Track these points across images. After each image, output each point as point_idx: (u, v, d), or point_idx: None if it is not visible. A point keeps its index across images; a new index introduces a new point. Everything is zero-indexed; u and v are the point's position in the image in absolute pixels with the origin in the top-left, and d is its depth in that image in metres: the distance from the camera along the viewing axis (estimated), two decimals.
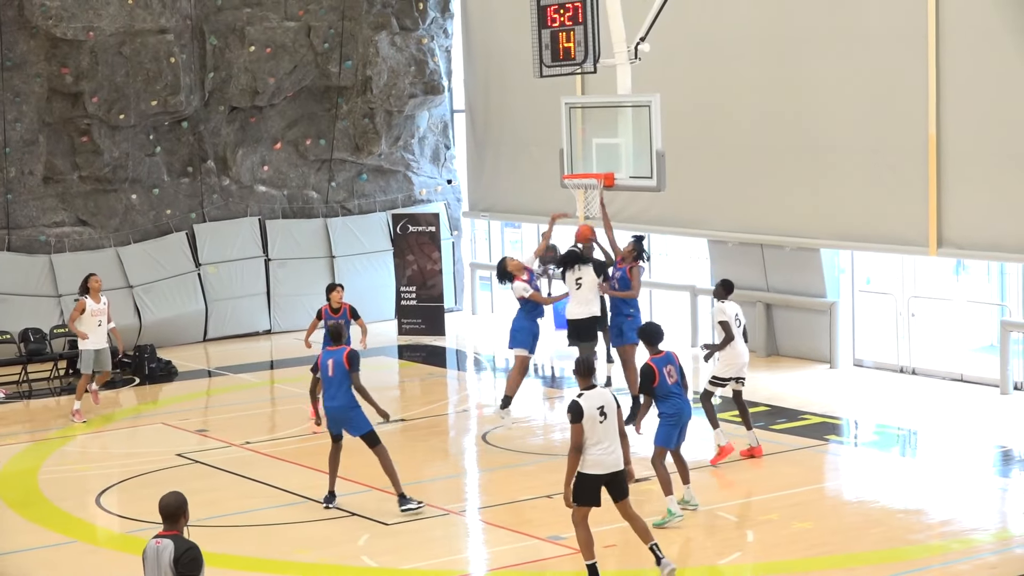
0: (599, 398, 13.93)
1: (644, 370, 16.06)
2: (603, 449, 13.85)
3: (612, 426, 13.91)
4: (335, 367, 17.00)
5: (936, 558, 14.89)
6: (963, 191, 22.17)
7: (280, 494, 18.08)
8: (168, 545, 10.14)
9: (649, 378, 15.95)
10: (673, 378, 16.13)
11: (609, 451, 13.89)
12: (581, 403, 13.78)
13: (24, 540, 16.63)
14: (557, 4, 18.41)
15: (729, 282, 19.51)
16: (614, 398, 14.08)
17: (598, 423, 13.81)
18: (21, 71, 28.21)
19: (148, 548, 10.24)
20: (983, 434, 20.14)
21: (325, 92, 31.15)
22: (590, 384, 14.02)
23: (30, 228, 28.64)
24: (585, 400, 13.82)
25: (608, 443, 13.87)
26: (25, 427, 22.99)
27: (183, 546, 10.16)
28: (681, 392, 16.27)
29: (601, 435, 13.82)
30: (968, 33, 21.81)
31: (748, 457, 18.94)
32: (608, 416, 13.87)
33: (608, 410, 13.89)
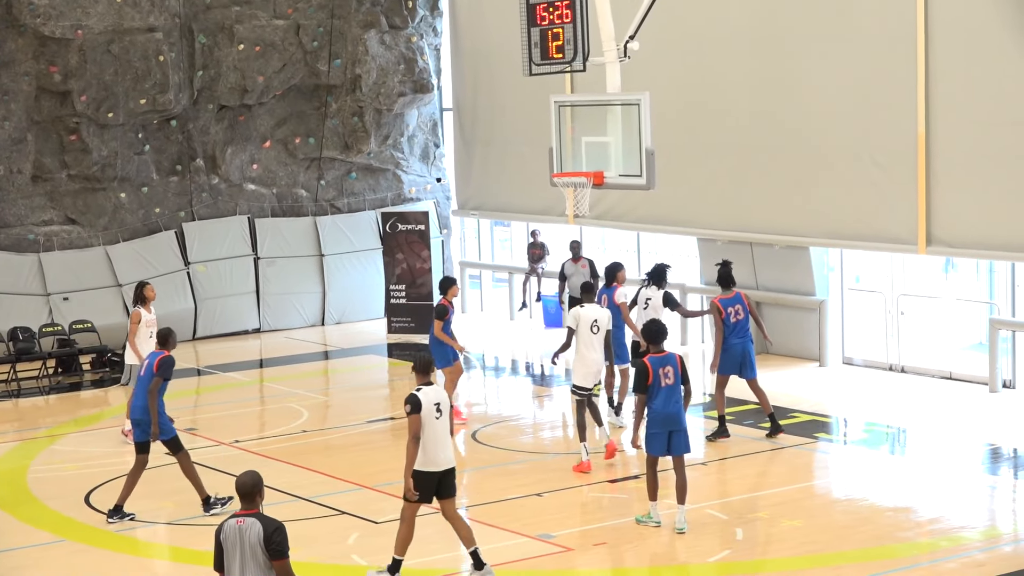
0: (436, 395, 14.26)
1: (639, 367, 15.88)
2: (437, 446, 14.21)
3: (445, 424, 14.28)
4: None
5: (924, 556, 14.94)
6: (952, 189, 22.21)
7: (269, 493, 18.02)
8: (254, 524, 10.32)
9: (643, 376, 15.73)
10: (669, 380, 15.76)
11: (443, 448, 14.26)
12: (420, 396, 14.13)
13: (13, 539, 16.63)
14: (546, 2, 18.41)
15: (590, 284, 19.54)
16: (449, 399, 14.45)
17: (434, 419, 14.17)
18: (9, 69, 28.20)
19: (227, 528, 10.36)
20: (972, 432, 20.18)
21: (314, 90, 31.15)
22: (427, 381, 14.32)
23: (19, 227, 28.62)
24: (423, 395, 14.15)
25: (443, 440, 14.26)
26: (14, 426, 22.98)
27: (272, 524, 10.35)
28: (674, 396, 15.81)
29: (436, 431, 14.18)
30: (958, 32, 21.85)
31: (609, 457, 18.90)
32: (443, 414, 14.25)
33: (443, 408, 14.27)
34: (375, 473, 18.79)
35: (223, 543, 10.39)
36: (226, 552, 10.38)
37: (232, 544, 10.35)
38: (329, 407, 23.73)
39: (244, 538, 10.31)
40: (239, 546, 10.32)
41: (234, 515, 10.46)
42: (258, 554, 10.30)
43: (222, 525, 10.44)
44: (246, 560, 10.32)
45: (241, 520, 10.36)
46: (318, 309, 31.00)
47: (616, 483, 18.00)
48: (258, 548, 10.28)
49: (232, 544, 10.35)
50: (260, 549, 10.29)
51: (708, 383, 24.43)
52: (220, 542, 10.40)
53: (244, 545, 10.31)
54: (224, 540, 10.38)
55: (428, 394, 14.23)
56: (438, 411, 14.25)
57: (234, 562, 10.35)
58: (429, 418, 14.18)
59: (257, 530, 10.31)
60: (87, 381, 26.12)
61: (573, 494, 17.63)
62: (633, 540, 15.83)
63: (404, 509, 14.41)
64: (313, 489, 18.09)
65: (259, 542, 10.29)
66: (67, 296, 28.29)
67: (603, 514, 16.84)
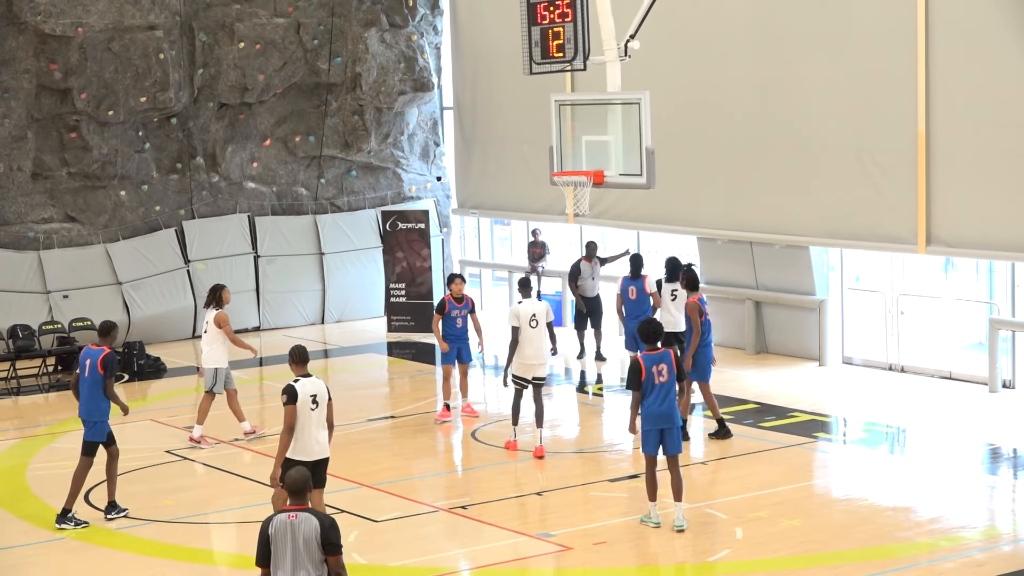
0: (312, 387, 14.63)
1: (632, 364, 15.89)
2: (311, 436, 14.57)
3: (320, 416, 14.63)
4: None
5: (923, 556, 14.94)
6: (952, 189, 22.22)
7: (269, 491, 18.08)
8: (308, 518, 10.35)
9: (636, 373, 15.69)
10: (663, 378, 15.70)
11: (317, 439, 14.63)
12: (296, 387, 14.55)
13: (13, 537, 16.63)
14: (547, 1, 18.41)
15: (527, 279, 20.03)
16: (327, 390, 14.76)
17: (309, 409, 14.55)
18: (9, 67, 28.20)
19: (278, 523, 10.37)
20: (972, 432, 20.19)
21: (314, 89, 31.16)
22: (304, 372, 14.72)
23: (18, 224, 28.63)
24: (300, 386, 14.57)
25: (317, 430, 14.62)
26: (13, 423, 22.97)
27: (327, 519, 10.43)
28: (667, 394, 15.74)
29: (310, 422, 14.54)
30: (957, 32, 21.86)
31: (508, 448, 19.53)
32: (319, 405, 14.61)
33: (320, 399, 14.62)
34: (375, 472, 18.80)
35: (271, 538, 10.40)
36: (275, 547, 10.39)
37: (282, 538, 10.37)
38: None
39: (297, 533, 10.35)
40: (290, 541, 10.36)
41: (284, 510, 10.47)
42: (312, 548, 10.34)
43: (271, 520, 10.45)
44: (298, 554, 10.36)
45: (294, 515, 10.40)
46: (318, 307, 31.00)
47: (616, 482, 18.00)
48: (312, 543, 10.33)
49: (282, 538, 10.37)
50: (315, 544, 10.33)
51: None
52: (268, 537, 10.41)
53: (297, 540, 10.35)
54: (273, 535, 10.40)
55: (305, 385, 14.61)
56: (314, 403, 14.60)
57: (285, 557, 10.37)
58: (304, 409, 14.55)
59: (313, 525, 10.36)
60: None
61: (573, 493, 17.64)
62: (633, 539, 15.83)
63: (274, 496, 14.84)
64: None
65: (314, 537, 10.34)
66: (67, 294, 28.28)
67: (603, 513, 16.84)
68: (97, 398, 17.13)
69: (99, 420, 17.19)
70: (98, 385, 17.03)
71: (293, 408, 14.51)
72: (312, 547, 10.33)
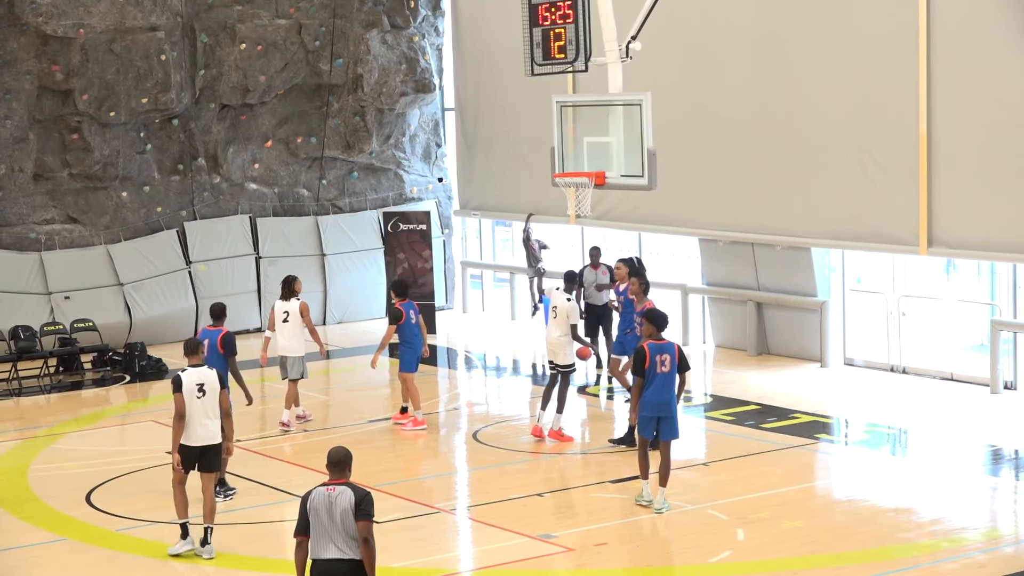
0: (200, 376, 15.44)
1: (637, 351, 16.40)
2: (197, 422, 15.37)
3: (211, 403, 15.40)
4: None
5: (925, 557, 14.95)
6: (953, 190, 22.22)
7: (270, 492, 18.10)
8: (345, 491, 10.97)
9: (640, 360, 16.22)
10: (666, 368, 16.23)
11: (202, 426, 15.40)
12: (182, 377, 15.41)
13: (14, 538, 16.64)
14: (548, 2, 18.42)
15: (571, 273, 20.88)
16: (217, 378, 15.50)
17: (196, 397, 15.33)
18: (11, 68, 28.21)
19: (316, 496, 10.99)
20: (973, 433, 20.18)
21: (316, 90, 31.17)
22: (195, 363, 15.58)
23: (20, 225, 28.64)
24: (186, 376, 15.40)
25: (204, 419, 15.40)
26: (15, 424, 22.97)
27: (362, 491, 11.02)
28: (667, 384, 16.29)
29: (197, 410, 15.35)
30: (959, 33, 21.86)
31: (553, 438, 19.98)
32: (207, 394, 15.39)
33: (208, 388, 15.40)
34: (376, 473, 18.79)
35: (310, 509, 10.97)
36: (313, 518, 10.96)
37: (322, 510, 10.95)
38: (330, 406, 23.72)
39: (335, 505, 10.93)
40: (328, 512, 10.93)
41: (323, 484, 11.05)
42: (348, 520, 10.91)
43: (310, 493, 11.02)
44: (335, 525, 10.92)
45: (332, 488, 11.00)
46: (319, 308, 31.00)
47: (617, 483, 18.00)
48: (349, 514, 10.90)
49: (322, 510, 10.95)
50: (351, 516, 10.91)
51: (709, 384, 24.45)
52: (308, 508, 10.98)
53: (334, 511, 10.92)
54: (311, 506, 10.98)
55: (191, 375, 15.44)
56: (200, 391, 15.37)
57: (321, 527, 10.95)
58: (191, 397, 15.34)
59: (348, 496, 10.93)
60: (88, 380, 26.12)
61: (574, 494, 17.65)
62: (634, 540, 15.84)
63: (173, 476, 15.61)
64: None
65: (350, 507, 10.90)
66: (68, 295, 28.29)
67: (604, 514, 16.84)
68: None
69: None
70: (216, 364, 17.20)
71: (180, 397, 15.34)
72: (348, 519, 10.91)
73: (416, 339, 21.04)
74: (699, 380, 25.12)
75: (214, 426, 15.50)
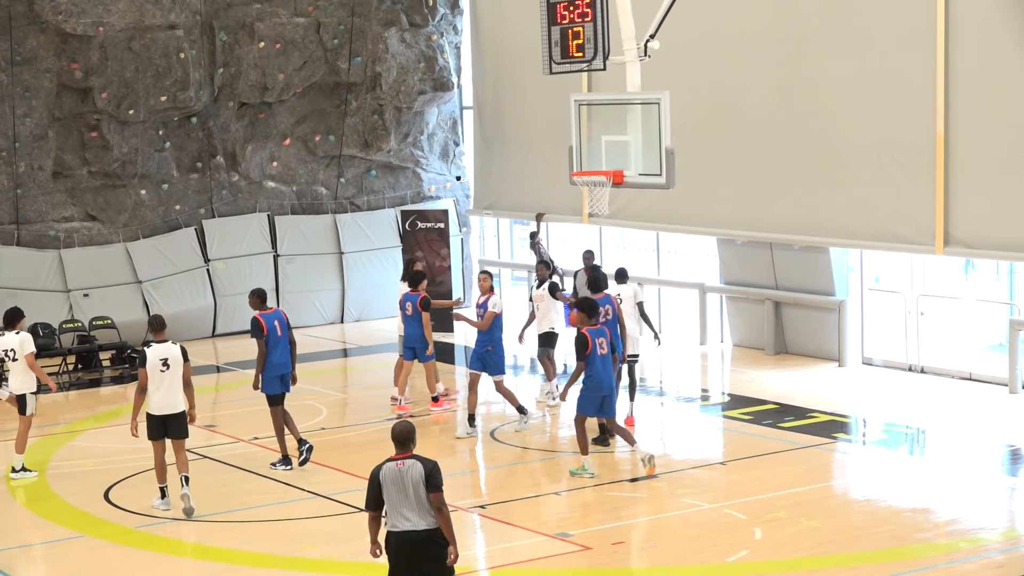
0: (165, 351, 16.80)
1: (578, 338, 17.82)
2: (163, 394, 16.75)
3: (174, 376, 16.75)
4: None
5: (942, 557, 14.91)
6: (971, 190, 22.16)
7: (287, 490, 18.12)
8: (415, 464, 11.57)
9: (583, 346, 17.72)
10: (604, 350, 17.85)
11: (165, 396, 16.78)
12: (147, 352, 16.80)
13: (33, 535, 16.69)
14: (567, 1, 18.39)
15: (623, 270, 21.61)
16: (182, 352, 16.82)
17: (159, 371, 16.71)
18: (31, 66, 28.28)
19: (387, 470, 11.58)
20: (991, 433, 20.14)
21: (334, 88, 31.19)
22: (161, 339, 16.91)
23: (39, 223, 28.71)
24: (151, 351, 16.80)
25: (165, 389, 16.76)
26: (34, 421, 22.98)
27: (430, 463, 11.63)
28: (608, 365, 17.91)
29: (159, 382, 16.71)
30: (976, 33, 21.80)
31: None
32: (171, 368, 16.74)
33: (172, 363, 16.74)
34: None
35: (382, 483, 11.54)
36: (386, 491, 11.54)
37: (393, 483, 11.53)
38: (348, 404, 23.75)
39: (405, 478, 11.49)
40: (400, 485, 11.51)
41: (391, 459, 11.61)
42: (419, 491, 11.48)
43: (381, 467, 11.59)
44: (407, 498, 11.50)
45: (401, 463, 11.57)
46: (337, 306, 31.04)
47: (634, 483, 18.00)
48: (420, 485, 11.48)
49: (393, 483, 11.53)
50: (422, 487, 11.48)
51: (727, 383, 24.43)
52: (380, 482, 11.56)
53: (405, 484, 11.50)
54: (384, 480, 11.54)
55: (156, 350, 16.81)
56: (164, 365, 16.72)
57: (393, 499, 11.54)
58: (154, 371, 16.71)
59: (418, 469, 11.52)
60: (106, 377, 26.17)
61: (591, 492, 17.63)
62: (651, 539, 15.84)
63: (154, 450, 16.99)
64: (331, 486, 18.11)
65: (420, 479, 11.48)
66: (87, 292, 28.36)
67: (621, 513, 16.83)
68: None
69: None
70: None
71: (144, 371, 16.75)
72: (420, 490, 11.49)
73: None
74: (717, 379, 25.12)
75: (178, 396, 16.86)
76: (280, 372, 19.07)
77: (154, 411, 16.86)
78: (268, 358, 18.96)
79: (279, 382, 19.09)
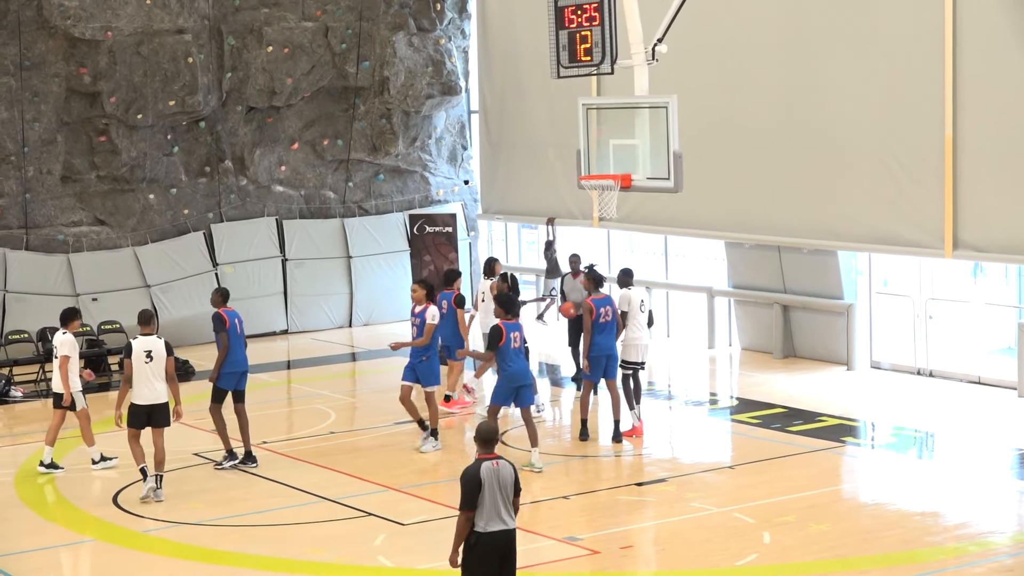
0: (149, 344, 17.50)
1: (493, 329, 18.55)
2: (143, 384, 17.46)
3: (158, 368, 17.50)
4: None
5: (951, 560, 14.89)
6: (979, 193, 22.13)
7: (296, 493, 18.12)
8: (505, 464, 11.89)
9: (496, 337, 18.43)
10: (517, 344, 18.55)
11: (148, 387, 17.48)
12: (133, 344, 17.54)
13: (41, 538, 16.68)
14: (575, 5, 18.39)
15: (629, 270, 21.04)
16: (166, 347, 17.54)
17: (143, 363, 17.44)
18: (40, 71, 28.31)
19: (484, 470, 11.76)
20: (1000, 437, 20.11)
21: (342, 92, 31.20)
22: (147, 332, 17.62)
23: (48, 227, 28.74)
24: (136, 343, 17.53)
25: (148, 380, 17.48)
26: (43, 426, 22.95)
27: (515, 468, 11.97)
28: (523, 357, 18.70)
29: (142, 373, 17.46)
30: (984, 36, 21.77)
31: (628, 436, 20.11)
32: (154, 360, 17.49)
33: (155, 355, 17.49)
34: (402, 475, 18.81)
35: (483, 482, 11.73)
36: (486, 490, 11.72)
37: (491, 482, 11.74)
38: (356, 408, 23.75)
39: (500, 476, 11.77)
40: (497, 485, 11.75)
41: (481, 459, 11.85)
42: (508, 489, 11.84)
43: (479, 467, 11.75)
44: (498, 496, 11.75)
45: (495, 463, 11.83)
46: (345, 310, 31.05)
47: (643, 486, 17.99)
48: (509, 484, 11.84)
49: (491, 482, 11.74)
50: (511, 485, 11.85)
51: (735, 387, 24.41)
52: (480, 482, 11.73)
53: (500, 482, 11.77)
54: (485, 480, 11.72)
55: (141, 342, 17.54)
56: (148, 357, 17.47)
57: (489, 497, 11.73)
58: (139, 362, 17.44)
59: (509, 469, 11.88)
60: (115, 381, 26.14)
61: (600, 497, 17.62)
62: (659, 543, 15.83)
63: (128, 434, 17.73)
64: (340, 490, 18.11)
65: (511, 478, 11.84)
66: (96, 297, 28.37)
67: (630, 517, 16.82)
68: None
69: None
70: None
71: (129, 361, 17.46)
72: (509, 488, 11.83)
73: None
74: (725, 383, 25.09)
75: (160, 387, 17.60)
76: (240, 369, 19.33)
77: (139, 401, 17.60)
78: (230, 354, 19.17)
79: (236, 379, 19.32)
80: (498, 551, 11.82)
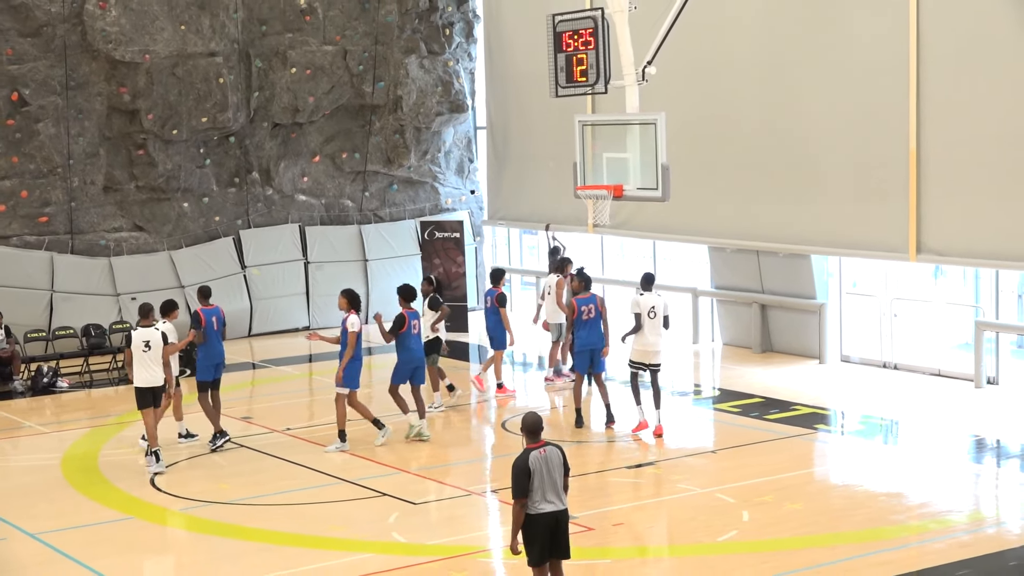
0: (148, 335, 18.05)
1: (397, 317, 19.49)
2: (147, 370, 18.00)
3: (151, 356, 18.02)
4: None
5: (914, 537, 14.92)
6: (941, 202, 22.14)
7: (317, 476, 18.16)
8: (553, 451, 11.73)
9: (400, 325, 19.46)
10: (416, 331, 19.60)
11: (146, 372, 18.03)
12: (133, 334, 18.12)
13: (86, 517, 16.74)
14: (571, 30, 18.44)
15: (651, 275, 20.30)
16: (162, 336, 18.08)
17: (142, 351, 17.98)
18: (84, 90, 28.35)
19: (534, 459, 11.60)
20: (959, 424, 20.13)
21: (359, 110, 31.23)
22: (147, 324, 18.17)
23: (91, 233, 28.78)
24: (136, 334, 18.11)
25: (146, 366, 17.99)
26: (87, 414, 23.09)
27: (561, 450, 11.80)
28: (419, 344, 19.73)
29: (144, 359, 17.98)
30: (946, 59, 21.80)
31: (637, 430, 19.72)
32: (152, 349, 18.03)
33: (152, 344, 18.03)
34: (413, 459, 18.85)
35: (533, 471, 11.55)
36: (534, 477, 11.54)
37: (542, 468, 11.57)
38: (372, 399, 23.77)
39: (549, 464, 11.60)
40: (545, 471, 11.58)
41: (530, 448, 11.64)
42: (557, 474, 11.65)
43: (528, 457, 11.58)
44: (551, 480, 11.61)
45: (542, 451, 11.64)
46: (362, 309, 31.04)
47: (632, 469, 18.01)
48: (557, 469, 11.66)
49: (542, 468, 11.57)
50: (558, 470, 11.66)
51: (717, 378, 24.43)
52: (531, 471, 11.55)
53: (550, 469, 11.60)
54: (535, 468, 11.55)
55: (141, 333, 18.15)
56: (146, 346, 18.02)
57: (540, 484, 11.58)
58: (138, 351, 17.99)
59: (557, 455, 11.70)
60: None
61: (593, 479, 17.65)
62: (649, 521, 15.86)
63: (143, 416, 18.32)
64: (356, 472, 18.14)
65: (559, 463, 11.66)
66: (135, 296, 28.40)
67: (622, 497, 16.85)
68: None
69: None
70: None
71: (129, 350, 18.11)
72: (557, 473, 11.64)
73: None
74: (708, 375, 25.10)
75: (158, 372, 18.12)
76: (216, 360, 19.87)
77: (140, 384, 18.13)
78: (205, 348, 19.68)
79: (213, 369, 19.84)
80: (547, 529, 11.66)
